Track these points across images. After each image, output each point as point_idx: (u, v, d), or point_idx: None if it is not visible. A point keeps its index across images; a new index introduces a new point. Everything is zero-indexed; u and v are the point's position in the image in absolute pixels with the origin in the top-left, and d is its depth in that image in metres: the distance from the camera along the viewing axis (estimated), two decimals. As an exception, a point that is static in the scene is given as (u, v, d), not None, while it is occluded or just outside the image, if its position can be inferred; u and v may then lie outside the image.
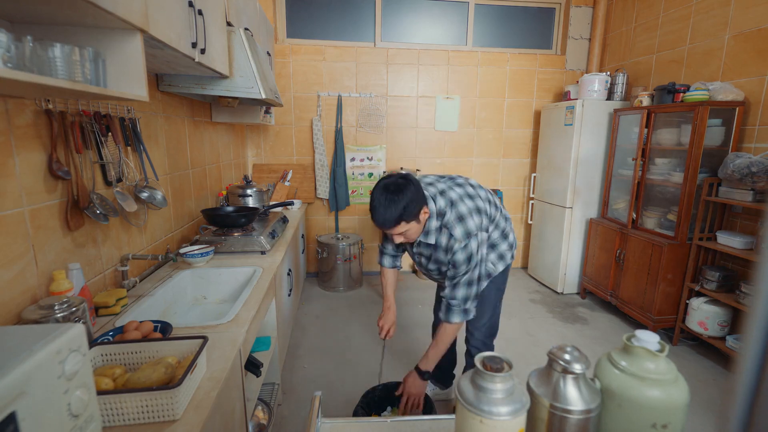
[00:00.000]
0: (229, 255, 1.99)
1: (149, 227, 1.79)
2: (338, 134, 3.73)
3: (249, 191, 2.56)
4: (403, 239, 1.45)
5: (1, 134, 1.02)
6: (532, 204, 3.98)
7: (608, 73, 3.36)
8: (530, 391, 0.69)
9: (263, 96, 1.92)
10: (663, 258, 2.64)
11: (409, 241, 1.48)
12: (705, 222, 2.57)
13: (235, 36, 1.87)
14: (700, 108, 2.46)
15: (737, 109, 2.47)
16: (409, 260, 4.07)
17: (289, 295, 2.50)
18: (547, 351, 0.70)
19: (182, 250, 1.83)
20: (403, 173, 1.41)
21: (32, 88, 0.90)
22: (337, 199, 3.79)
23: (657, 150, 2.87)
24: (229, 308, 1.45)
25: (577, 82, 3.56)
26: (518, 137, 4.02)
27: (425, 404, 1.57)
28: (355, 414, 1.49)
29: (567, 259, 3.53)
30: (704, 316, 2.47)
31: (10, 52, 0.77)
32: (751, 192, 2.26)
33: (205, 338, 1.00)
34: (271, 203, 2.86)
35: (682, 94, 2.67)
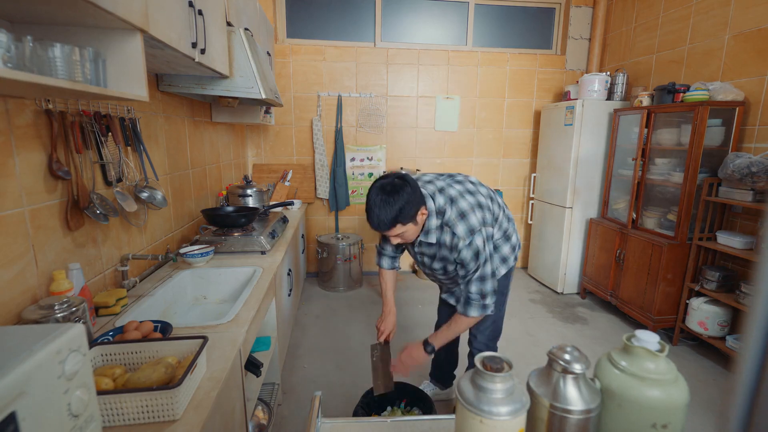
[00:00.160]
0: (229, 255, 1.99)
1: (149, 227, 1.79)
2: (338, 134, 3.73)
3: (249, 191, 2.56)
4: (401, 240, 1.42)
5: (1, 134, 1.02)
6: (532, 204, 3.98)
7: (608, 73, 3.36)
8: (530, 391, 0.69)
9: (263, 96, 1.92)
10: (663, 258, 2.64)
11: (407, 242, 1.46)
12: (705, 222, 2.57)
13: (235, 36, 1.87)
14: (700, 108, 2.46)
15: (737, 109, 2.47)
16: (408, 260, 4.07)
17: (289, 295, 2.50)
18: (547, 351, 0.70)
19: (182, 250, 1.83)
20: (400, 173, 1.37)
21: (32, 88, 0.90)
22: (337, 199, 3.79)
23: (657, 150, 2.87)
24: (229, 308, 1.45)
25: (577, 82, 3.56)
26: (518, 137, 4.02)
27: (425, 404, 1.57)
28: (355, 414, 1.49)
29: (567, 259, 3.53)
30: (704, 316, 2.47)
31: (10, 52, 0.77)
32: (751, 192, 2.26)
33: (205, 338, 1.00)
34: (271, 203, 2.86)
35: (682, 94, 2.67)
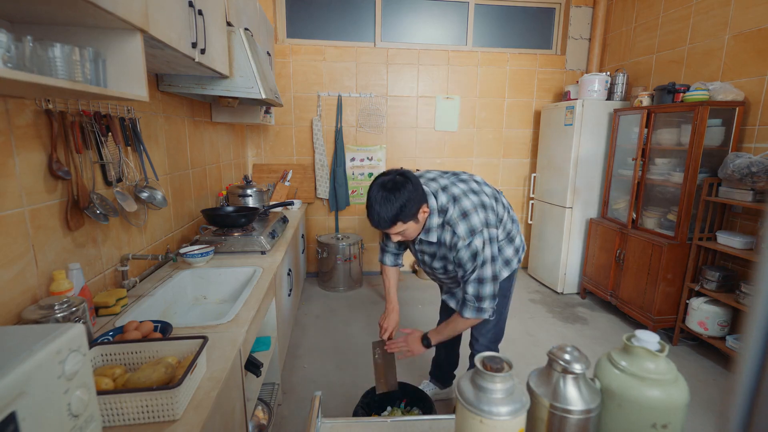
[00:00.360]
0: (229, 255, 1.99)
1: (149, 227, 1.79)
2: (338, 134, 3.73)
3: (249, 191, 2.56)
4: (402, 238, 1.40)
5: (1, 134, 1.02)
6: (532, 204, 3.98)
7: (608, 73, 3.36)
8: (530, 391, 0.69)
9: (263, 96, 1.92)
10: (663, 258, 2.64)
11: (407, 239, 1.45)
12: (705, 222, 2.57)
13: (235, 36, 1.87)
14: (700, 108, 2.46)
15: (737, 109, 2.47)
16: (408, 259, 4.07)
17: (289, 295, 2.50)
18: (547, 351, 0.70)
19: (182, 250, 1.83)
20: (401, 170, 1.34)
21: (32, 88, 0.90)
22: (337, 199, 3.79)
23: (657, 150, 2.87)
24: (229, 308, 1.45)
25: (577, 82, 3.56)
26: (518, 137, 4.02)
27: (425, 404, 1.57)
28: (355, 414, 1.49)
29: (567, 259, 3.53)
30: (704, 316, 2.47)
31: (10, 52, 0.77)
32: (751, 192, 2.26)
33: (205, 338, 1.00)
34: (271, 203, 2.86)
35: (682, 94, 2.67)
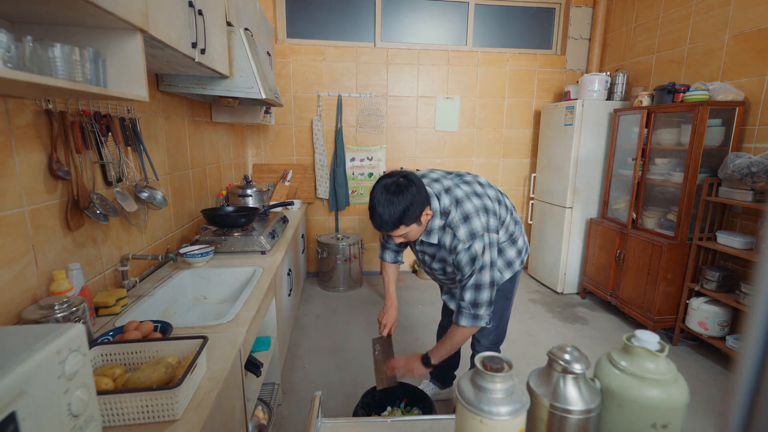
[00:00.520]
0: (229, 255, 1.99)
1: (149, 227, 1.79)
2: (338, 134, 3.73)
3: (249, 191, 2.56)
4: (404, 240, 1.40)
5: (1, 134, 1.02)
6: (532, 204, 3.98)
7: (608, 73, 3.36)
8: (530, 391, 0.69)
9: (263, 96, 1.92)
10: (663, 258, 2.64)
11: (409, 240, 1.45)
12: (705, 222, 2.57)
13: (235, 36, 1.87)
14: (700, 108, 2.46)
15: (737, 109, 2.47)
16: (409, 259, 4.07)
17: (289, 295, 2.50)
18: (547, 351, 0.70)
19: (182, 250, 1.83)
20: (405, 172, 1.33)
21: (32, 88, 0.90)
22: (337, 199, 3.79)
23: (657, 150, 2.87)
24: (229, 308, 1.45)
25: (577, 82, 3.56)
26: (518, 137, 4.02)
27: (425, 404, 1.57)
28: (355, 414, 1.49)
29: (567, 259, 3.52)
30: (704, 316, 2.47)
31: (10, 52, 0.77)
32: (751, 192, 2.26)
33: (205, 338, 1.00)
34: (271, 203, 2.86)
35: (682, 94, 2.67)
